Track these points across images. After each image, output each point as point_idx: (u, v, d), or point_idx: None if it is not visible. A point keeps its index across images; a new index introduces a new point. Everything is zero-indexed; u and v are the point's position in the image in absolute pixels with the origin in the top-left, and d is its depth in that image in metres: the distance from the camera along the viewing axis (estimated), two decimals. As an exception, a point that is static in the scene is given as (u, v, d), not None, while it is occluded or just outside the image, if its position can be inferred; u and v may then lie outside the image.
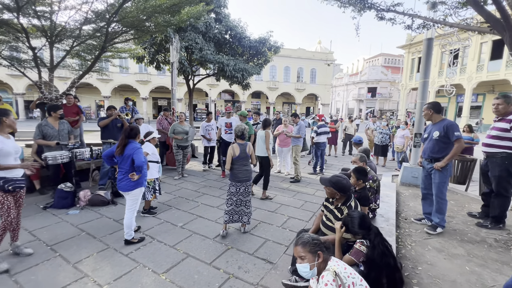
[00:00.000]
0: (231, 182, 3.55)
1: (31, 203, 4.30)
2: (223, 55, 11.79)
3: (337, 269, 1.47)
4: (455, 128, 3.21)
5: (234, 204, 3.49)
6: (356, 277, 1.49)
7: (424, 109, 3.52)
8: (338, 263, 1.54)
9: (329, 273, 1.46)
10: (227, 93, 35.26)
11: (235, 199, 3.49)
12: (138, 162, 3.07)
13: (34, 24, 6.17)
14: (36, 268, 2.67)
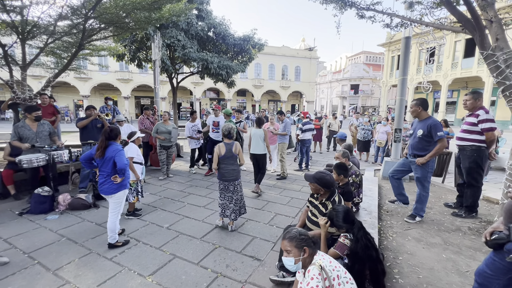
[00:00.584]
0: (219, 180, 3.60)
1: (5, 210, 4.08)
2: (207, 53, 11.65)
3: (323, 263, 1.50)
4: (438, 127, 3.34)
5: (226, 199, 3.59)
6: (341, 270, 1.54)
7: (412, 105, 3.58)
8: (323, 257, 1.58)
9: (315, 267, 1.49)
10: (212, 91, 34.90)
11: (227, 195, 3.59)
12: (121, 164, 2.98)
13: (4, 19, 5.80)
14: (13, 277, 2.54)
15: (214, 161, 3.52)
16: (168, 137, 5.98)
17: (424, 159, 3.36)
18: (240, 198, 3.65)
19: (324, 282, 1.43)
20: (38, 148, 4.11)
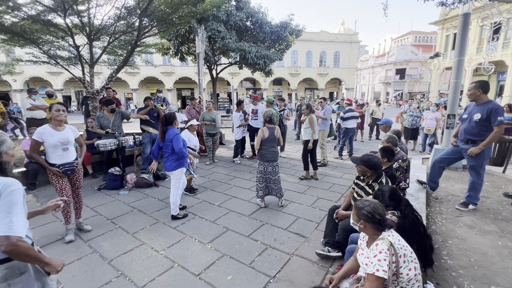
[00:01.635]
0: (259, 161, 3.91)
1: (86, 186, 4.90)
2: (245, 43, 11.86)
3: (392, 240, 1.56)
4: (499, 112, 3.08)
5: (264, 181, 3.89)
6: (407, 250, 1.58)
7: (470, 88, 3.33)
8: (393, 234, 1.62)
9: (383, 242, 1.55)
10: (249, 81, 35.29)
11: (265, 177, 3.87)
12: (176, 147, 3.42)
13: (76, 23, 6.69)
14: (103, 236, 3.16)
15: (256, 143, 3.84)
16: (213, 124, 6.42)
17: (478, 149, 3.16)
18: (278, 180, 3.91)
19: (392, 257, 1.50)
20: (111, 135, 4.81)
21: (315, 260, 2.65)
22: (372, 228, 1.66)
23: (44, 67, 24.61)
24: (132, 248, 2.90)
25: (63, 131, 3.00)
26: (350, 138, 6.92)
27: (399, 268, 1.54)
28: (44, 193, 4.57)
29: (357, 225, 1.72)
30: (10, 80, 26.29)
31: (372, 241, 1.67)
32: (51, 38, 7.25)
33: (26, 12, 6.32)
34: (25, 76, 27.42)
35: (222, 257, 2.73)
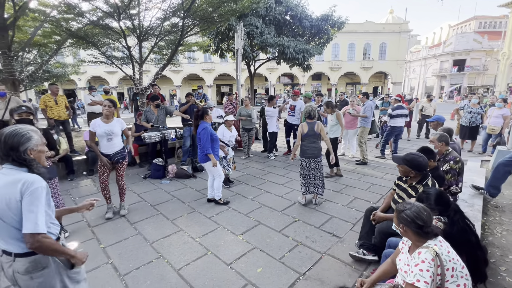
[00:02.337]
0: (301, 157, 3.86)
1: (134, 174, 5.40)
2: (283, 37, 11.70)
3: (439, 250, 1.41)
4: None
5: (308, 177, 3.80)
6: (458, 264, 1.42)
7: None
8: (441, 244, 1.46)
9: (428, 251, 1.40)
10: (287, 76, 34.87)
11: (308, 174, 3.80)
12: (202, 140, 3.65)
13: (128, 26, 7.33)
14: (147, 220, 3.46)
15: (297, 139, 3.80)
16: (249, 119, 6.51)
17: None
18: (321, 176, 3.82)
19: (436, 269, 1.36)
20: (155, 128, 5.20)
21: (348, 262, 2.55)
22: (413, 234, 1.52)
23: (102, 67, 27.45)
24: (171, 234, 3.12)
25: (110, 124, 3.40)
26: (396, 137, 6.39)
27: (444, 282, 1.39)
28: (100, 179, 5.16)
29: (398, 229, 1.60)
30: (76, 79, 29.99)
31: (415, 248, 1.53)
32: (108, 41, 8.06)
33: (88, 18, 7.12)
34: (88, 75, 31.02)
35: (253, 250, 2.78)
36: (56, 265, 1.35)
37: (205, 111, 3.81)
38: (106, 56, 8.45)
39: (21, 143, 1.28)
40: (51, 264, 1.33)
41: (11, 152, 1.26)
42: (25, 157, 1.29)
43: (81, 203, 1.72)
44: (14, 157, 1.27)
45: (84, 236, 3.08)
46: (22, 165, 1.29)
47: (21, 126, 1.34)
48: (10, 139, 1.26)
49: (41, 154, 1.39)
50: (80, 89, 31.21)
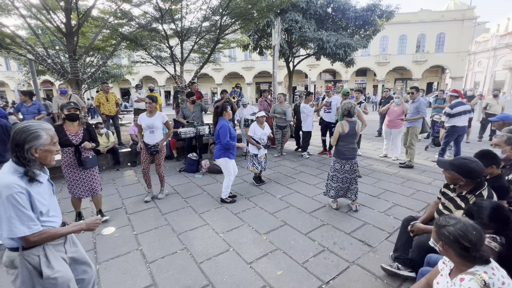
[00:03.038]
0: (335, 159, 3.54)
1: (171, 167, 5.71)
2: (323, 31, 11.17)
3: (489, 280, 1.16)
4: None
5: (340, 181, 3.50)
6: None
7: None
8: (494, 272, 1.20)
9: (473, 279, 1.16)
10: (328, 73, 33.49)
11: (341, 177, 3.49)
12: (222, 139, 3.65)
13: (171, 28, 7.76)
14: (177, 212, 3.61)
15: (334, 138, 3.49)
16: (284, 117, 6.37)
17: None
18: (355, 179, 3.52)
19: None
20: (191, 124, 5.42)
21: (379, 275, 2.30)
22: (456, 255, 1.26)
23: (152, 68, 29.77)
24: (197, 227, 3.20)
25: (152, 118, 3.77)
26: (457, 139, 5.32)
27: None
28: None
29: (437, 246, 1.36)
30: (130, 79, 33.13)
31: (458, 272, 1.27)
32: (154, 42, 8.65)
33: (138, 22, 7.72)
34: (140, 75, 33.99)
35: (275, 251, 2.69)
36: (28, 270, 1.33)
37: (224, 108, 3.82)
38: (152, 57, 9.10)
39: (27, 141, 1.27)
40: (23, 268, 1.32)
41: (16, 148, 1.27)
42: (26, 156, 1.27)
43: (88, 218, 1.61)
44: (17, 154, 1.27)
45: (121, 222, 3.33)
46: (21, 164, 1.28)
47: (34, 123, 1.34)
48: (18, 135, 1.27)
49: (48, 153, 1.37)
50: (133, 88, 34.42)
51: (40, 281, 1.34)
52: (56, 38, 7.84)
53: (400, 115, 5.57)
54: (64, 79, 7.21)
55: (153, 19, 7.49)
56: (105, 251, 2.73)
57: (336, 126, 3.46)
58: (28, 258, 1.33)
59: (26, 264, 1.32)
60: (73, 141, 2.97)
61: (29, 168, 1.29)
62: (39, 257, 1.35)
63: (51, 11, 6.75)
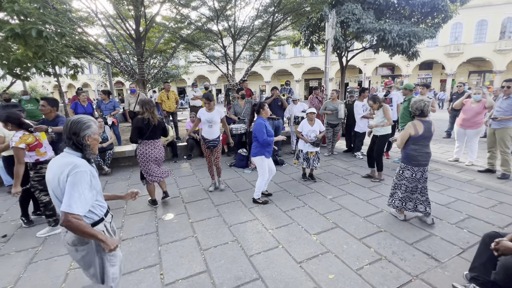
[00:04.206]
0: (405, 165, 3.05)
1: (222, 161, 5.96)
2: (385, 20, 10.24)
3: None
4: None
5: (409, 191, 3.05)
6: None
7: None
8: None
9: None
10: (386, 67, 30.71)
11: (411, 186, 3.02)
12: (259, 137, 3.53)
13: (225, 27, 8.09)
14: (227, 204, 3.76)
15: (401, 140, 3.04)
16: (335, 112, 6.06)
17: None
18: (425, 188, 3.05)
19: None
20: (242, 120, 5.57)
21: (450, 295, 2.01)
22: None
23: (206, 67, 31.57)
24: (247, 221, 3.27)
25: (211, 113, 4.01)
26: None
27: None
28: (196, 162, 5.96)
29: None
30: (186, 78, 35.75)
31: None
32: (209, 42, 9.14)
33: (195, 24, 8.25)
34: (195, 75, 36.39)
35: (327, 253, 2.58)
36: (97, 244, 1.50)
37: (261, 106, 3.68)
38: (207, 57, 9.64)
39: (82, 129, 1.46)
40: (93, 242, 1.49)
41: (73, 136, 1.44)
42: (82, 142, 1.46)
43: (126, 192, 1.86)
44: (74, 141, 1.45)
45: (179, 210, 3.62)
46: (78, 150, 1.47)
47: (84, 116, 1.52)
48: (74, 125, 1.45)
49: (95, 141, 1.54)
50: (188, 86, 37.06)
51: (105, 254, 1.55)
52: (127, 44, 8.89)
53: (479, 114, 4.78)
54: (133, 79, 8.15)
55: (208, 20, 7.91)
56: (165, 234, 3.00)
57: (406, 127, 3.00)
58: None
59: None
60: None
61: (86, 152, 1.49)
62: (104, 232, 1.54)
63: (124, 19, 7.66)
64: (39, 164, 2.91)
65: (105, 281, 1.58)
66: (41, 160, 2.93)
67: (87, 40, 8.03)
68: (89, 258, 1.52)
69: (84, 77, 36.89)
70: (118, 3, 7.24)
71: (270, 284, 2.19)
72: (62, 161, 1.43)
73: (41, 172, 2.92)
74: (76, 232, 1.35)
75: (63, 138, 1.48)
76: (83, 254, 1.50)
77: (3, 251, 2.78)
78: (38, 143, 2.88)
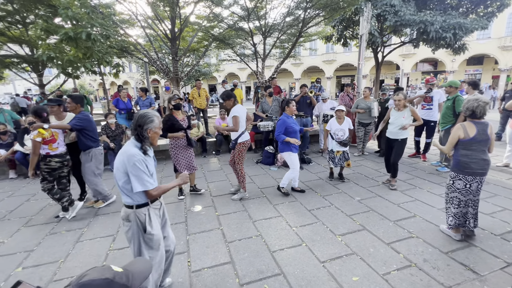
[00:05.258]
0: (456, 174, 2.66)
1: (249, 158, 6.07)
2: (426, 12, 9.48)
3: None
4: None
5: (463, 205, 2.69)
6: None
7: None
8: None
9: None
10: (427, 62, 28.41)
11: (465, 199, 2.65)
12: (276, 132, 3.67)
13: (256, 25, 8.14)
14: (253, 199, 3.84)
15: (449, 145, 2.68)
16: (367, 111, 5.81)
17: None
18: (478, 201, 2.71)
19: None
20: (269, 118, 5.60)
21: (488, 311, 1.86)
22: None
23: (236, 65, 32.02)
24: (271, 217, 3.32)
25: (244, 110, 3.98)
26: None
27: None
28: (224, 158, 6.14)
29: None
30: (216, 76, 36.65)
31: None
32: (239, 40, 9.28)
33: (226, 23, 8.43)
34: (225, 72, 37.11)
35: (352, 255, 2.52)
36: (137, 224, 1.74)
37: (287, 103, 3.78)
38: (237, 54, 9.80)
39: (146, 123, 1.69)
40: (134, 221, 1.73)
41: (138, 128, 1.69)
42: (144, 134, 1.70)
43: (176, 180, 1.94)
44: (138, 132, 1.69)
45: (207, 203, 3.78)
46: (139, 140, 1.71)
47: (150, 111, 1.75)
48: (140, 119, 1.70)
49: (156, 135, 1.77)
50: (219, 84, 37.94)
51: (143, 234, 1.76)
52: (163, 43, 9.38)
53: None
54: (167, 77, 8.59)
55: (240, 19, 8.03)
56: (193, 225, 3.16)
57: (455, 129, 2.65)
58: (138, 215, 1.73)
59: (137, 219, 1.74)
60: (183, 125, 3.64)
61: (144, 144, 1.72)
62: (145, 216, 1.75)
63: (161, 20, 8.09)
64: (48, 157, 3.19)
65: None
66: (51, 154, 3.21)
67: (128, 41, 8.64)
68: (130, 235, 1.76)
69: (124, 75, 39.66)
70: (155, 4, 7.67)
71: (292, 280, 2.22)
72: (125, 148, 1.70)
73: (49, 165, 3.21)
74: (160, 195, 1.77)
75: (131, 128, 1.75)
76: (126, 229, 1.76)
77: (56, 230, 3.17)
78: (53, 139, 3.19)
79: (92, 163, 3.53)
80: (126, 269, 0.80)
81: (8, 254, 2.72)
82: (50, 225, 3.28)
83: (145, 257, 1.77)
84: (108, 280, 0.72)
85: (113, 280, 0.73)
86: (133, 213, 1.72)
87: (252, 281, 2.23)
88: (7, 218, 3.52)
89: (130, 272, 0.79)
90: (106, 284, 0.71)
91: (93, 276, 0.71)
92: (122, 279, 0.75)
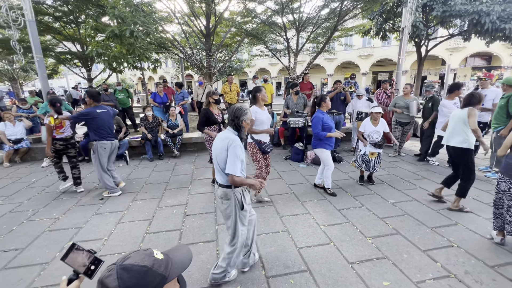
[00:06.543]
0: (502, 176, 2.56)
1: (277, 154, 6.06)
2: (481, 1, 8.52)
3: None
4: None
5: (507, 208, 2.56)
6: None
7: None
8: None
9: None
10: (479, 57, 25.56)
11: (508, 204, 2.52)
12: (313, 130, 3.64)
13: (290, 20, 8.02)
14: (280, 196, 3.84)
15: (504, 146, 2.50)
16: (406, 112, 5.44)
17: None
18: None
19: None
20: (300, 114, 5.52)
21: (541, 335, 1.67)
22: None
23: (267, 60, 31.86)
24: (299, 214, 3.30)
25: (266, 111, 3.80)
26: None
27: None
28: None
29: None
30: (248, 71, 36.90)
31: None
32: (272, 36, 9.22)
33: (260, 18, 8.42)
34: (256, 68, 37.22)
35: (383, 259, 2.42)
36: (235, 202, 1.98)
37: (322, 98, 3.72)
38: (269, 50, 9.76)
39: (242, 115, 1.97)
40: (232, 199, 1.97)
41: (235, 118, 1.97)
42: (240, 125, 1.97)
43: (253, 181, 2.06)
44: (235, 123, 1.97)
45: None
46: (236, 129, 1.98)
47: (244, 105, 2.03)
48: (237, 111, 1.97)
49: (247, 126, 2.03)
50: (249, 79, 38.16)
51: (239, 211, 2.01)
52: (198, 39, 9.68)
53: None
54: (201, 72, 8.87)
55: (273, 13, 7.96)
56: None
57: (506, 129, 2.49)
58: (236, 194, 1.98)
59: (235, 197, 1.98)
60: (218, 119, 3.84)
61: (241, 132, 1.98)
62: (241, 194, 2.00)
63: (197, 17, 8.34)
64: (54, 139, 3.84)
65: (235, 234, 2.04)
66: (57, 137, 3.85)
67: (166, 37, 9.07)
68: (229, 211, 2.00)
69: (161, 70, 41.73)
70: (192, 1, 7.92)
71: (318, 278, 2.20)
72: (225, 135, 1.95)
73: (55, 147, 3.87)
74: (237, 185, 1.93)
75: (228, 119, 2.02)
76: (225, 207, 2.00)
77: (101, 210, 3.49)
78: (61, 125, 3.86)
79: (95, 155, 3.79)
80: (167, 256, 0.80)
81: (62, 228, 3.07)
82: (96, 206, 3.62)
83: (238, 232, 2.03)
84: (145, 268, 0.72)
85: (151, 268, 0.73)
86: (231, 192, 1.95)
87: (278, 274, 2.25)
88: (61, 198, 3.96)
89: (170, 260, 0.79)
90: (144, 272, 0.71)
91: (135, 261, 0.73)
92: (160, 267, 0.74)
